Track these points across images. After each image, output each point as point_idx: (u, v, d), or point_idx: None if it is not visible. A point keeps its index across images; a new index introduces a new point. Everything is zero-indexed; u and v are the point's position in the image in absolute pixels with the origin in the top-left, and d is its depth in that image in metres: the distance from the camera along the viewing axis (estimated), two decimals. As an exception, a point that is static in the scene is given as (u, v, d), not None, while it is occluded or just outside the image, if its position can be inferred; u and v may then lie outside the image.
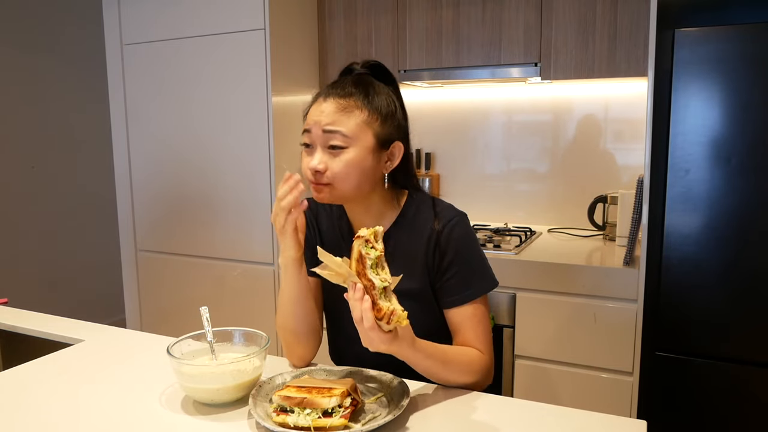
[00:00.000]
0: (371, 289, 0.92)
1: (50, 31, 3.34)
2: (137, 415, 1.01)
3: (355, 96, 1.12)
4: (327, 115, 1.10)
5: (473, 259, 1.18)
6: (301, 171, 1.15)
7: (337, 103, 1.11)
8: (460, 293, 1.16)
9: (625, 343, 1.80)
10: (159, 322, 2.68)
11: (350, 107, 1.11)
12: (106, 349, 1.31)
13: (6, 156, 3.18)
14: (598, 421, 0.97)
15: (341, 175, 1.10)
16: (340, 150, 1.10)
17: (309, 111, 1.15)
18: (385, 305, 0.92)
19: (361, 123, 1.11)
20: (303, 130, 1.14)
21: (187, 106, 2.45)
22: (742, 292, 1.58)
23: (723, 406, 1.64)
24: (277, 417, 0.93)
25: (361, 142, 1.11)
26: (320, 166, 1.10)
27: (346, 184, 1.11)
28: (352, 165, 1.10)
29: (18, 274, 3.22)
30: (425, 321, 1.18)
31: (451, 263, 1.16)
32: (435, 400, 1.06)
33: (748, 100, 1.53)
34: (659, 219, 1.65)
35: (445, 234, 1.16)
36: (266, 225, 2.35)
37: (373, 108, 1.13)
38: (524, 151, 2.50)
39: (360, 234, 0.94)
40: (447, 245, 1.16)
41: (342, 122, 1.10)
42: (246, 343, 1.14)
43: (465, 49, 2.23)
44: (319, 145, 1.11)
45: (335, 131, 1.09)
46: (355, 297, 0.93)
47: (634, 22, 1.96)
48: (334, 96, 1.12)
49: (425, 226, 1.18)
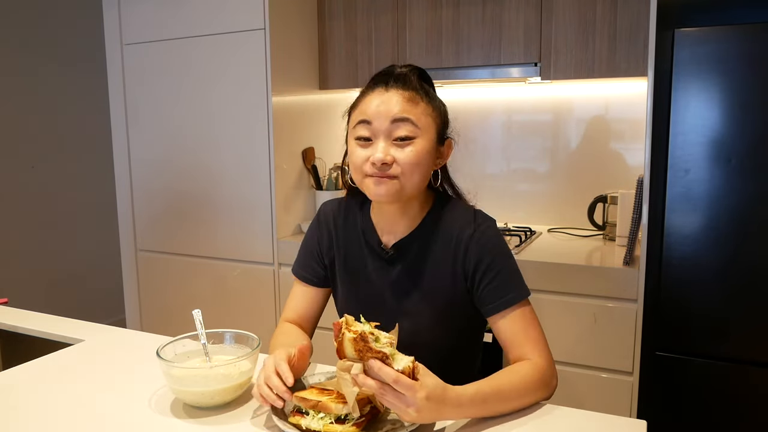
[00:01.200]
0: (385, 359, 0.86)
1: (50, 31, 3.34)
2: (137, 415, 1.01)
3: (417, 88, 1.10)
4: (394, 104, 1.06)
5: (511, 262, 1.13)
6: (352, 165, 1.10)
7: (402, 94, 1.07)
8: (504, 296, 1.09)
9: (625, 343, 1.80)
10: (159, 322, 2.67)
11: (416, 98, 1.08)
12: (106, 349, 1.31)
13: (6, 156, 3.18)
14: (598, 421, 0.97)
15: (410, 167, 1.06)
16: (409, 141, 1.06)
17: (363, 101, 1.10)
18: (404, 363, 0.86)
19: (427, 114, 1.09)
20: (358, 122, 1.09)
21: (187, 106, 2.45)
22: (742, 292, 1.58)
23: (723, 406, 1.64)
24: (293, 418, 0.92)
25: (427, 134, 1.08)
26: (389, 158, 1.05)
27: (412, 178, 1.07)
28: (421, 156, 1.07)
29: (18, 274, 3.21)
30: (448, 331, 1.16)
31: (489, 267, 1.10)
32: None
33: (748, 100, 1.53)
34: (659, 219, 1.65)
35: (477, 237, 1.12)
36: (266, 225, 2.35)
37: (434, 102, 1.12)
38: (524, 151, 2.50)
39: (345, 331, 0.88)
40: (482, 249, 1.11)
41: (411, 111, 1.06)
42: (238, 346, 1.13)
43: (465, 49, 2.23)
44: (383, 137, 1.06)
45: (405, 119, 1.06)
46: (377, 376, 0.85)
47: (634, 22, 1.96)
48: (396, 87, 1.08)
49: (454, 230, 1.14)
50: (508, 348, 1.10)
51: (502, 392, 0.98)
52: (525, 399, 1.01)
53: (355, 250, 1.21)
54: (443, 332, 1.17)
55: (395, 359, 0.87)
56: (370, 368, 0.86)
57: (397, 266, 1.17)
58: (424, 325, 1.15)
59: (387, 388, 0.86)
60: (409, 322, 1.14)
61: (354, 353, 0.87)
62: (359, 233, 1.21)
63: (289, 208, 2.41)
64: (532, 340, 1.08)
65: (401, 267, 1.16)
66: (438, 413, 0.90)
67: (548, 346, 1.10)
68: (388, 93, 1.08)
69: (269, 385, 0.94)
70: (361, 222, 1.21)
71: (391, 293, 1.17)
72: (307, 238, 1.30)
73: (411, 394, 0.85)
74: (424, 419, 0.88)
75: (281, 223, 2.36)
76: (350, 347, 0.87)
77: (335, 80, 2.48)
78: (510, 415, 0.99)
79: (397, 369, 0.86)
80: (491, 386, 0.98)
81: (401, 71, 1.12)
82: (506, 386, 0.99)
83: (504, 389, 0.99)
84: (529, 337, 1.08)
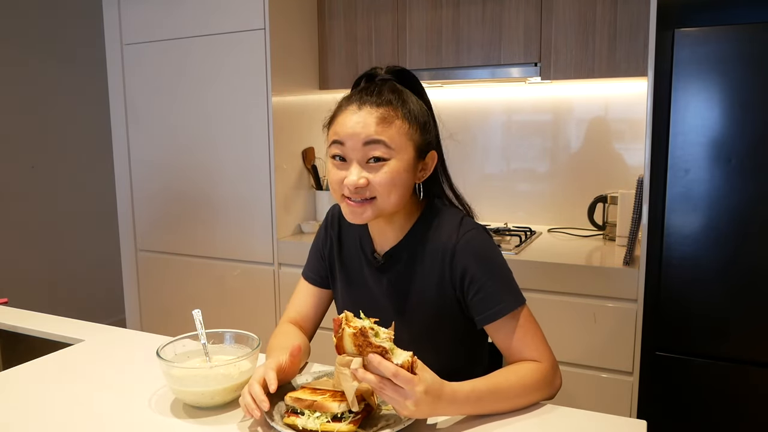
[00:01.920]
0: (385, 354, 0.86)
1: (50, 31, 3.34)
2: (137, 415, 1.01)
3: (393, 104, 1.04)
4: (366, 125, 1.01)
5: (500, 269, 1.09)
6: (330, 184, 1.09)
7: (376, 112, 1.02)
8: (493, 306, 1.06)
9: (625, 343, 1.80)
10: (159, 322, 2.68)
11: (390, 117, 1.03)
12: (106, 349, 1.31)
13: (6, 156, 3.18)
14: (598, 421, 0.97)
15: (386, 188, 1.03)
16: (383, 162, 1.02)
17: (337, 119, 1.06)
18: (403, 357, 0.87)
19: (402, 133, 1.03)
20: (332, 141, 1.05)
21: (187, 106, 2.45)
22: (742, 292, 1.58)
23: (723, 406, 1.64)
24: (288, 419, 0.92)
25: (402, 153, 1.04)
26: (362, 182, 1.02)
27: (389, 198, 1.04)
28: (396, 176, 1.03)
29: (18, 274, 3.21)
30: (440, 341, 1.16)
31: (474, 278, 1.07)
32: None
33: (747, 100, 1.53)
34: (659, 219, 1.65)
35: (461, 246, 1.08)
36: (266, 225, 2.35)
37: (412, 117, 1.05)
38: (524, 151, 2.50)
39: (345, 327, 0.89)
40: (466, 259, 1.08)
41: (384, 132, 1.01)
42: (238, 346, 1.13)
43: (465, 49, 2.23)
44: (356, 159, 1.03)
45: (378, 141, 1.01)
46: (376, 370, 0.86)
47: (634, 22, 1.96)
48: (369, 104, 1.03)
49: (441, 239, 1.11)
50: (506, 356, 1.10)
51: (500, 391, 0.97)
52: (524, 398, 1.00)
53: (352, 256, 1.22)
54: (434, 341, 1.16)
55: (394, 354, 0.88)
56: (370, 362, 0.87)
57: (388, 274, 1.16)
58: (416, 333, 1.15)
59: (386, 382, 0.86)
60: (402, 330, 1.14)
61: (353, 348, 0.88)
62: (357, 239, 1.21)
63: (289, 208, 2.41)
64: (529, 346, 1.06)
65: (391, 275, 1.16)
66: (434, 408, 0.90)
67: (549, 347, 1.09)
68: (360, 112, 1.03)
69: (252, 394, 0.93)
70: (359, 228, 1.21)
71: (384, 300, 1.17)
72: (315, 238, 1.32)
73: (410, 388, 0.86)
74: (421, 413, 0.89)
75: (281, 223, 2.36)
76: (350, 342, 0.88)
77: (335, 80, 2.48)
78: (509, 415, 0.99)
79: (397, 363, 0.86)
80: (488, 384, 0.97)
81: (375, 84, 1.08)
82: (504, 385, 0.98)
83: (501, 388, 0.98)
84: (527, 343, 1.06)
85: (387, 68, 1.12)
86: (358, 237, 1.21)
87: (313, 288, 1.29)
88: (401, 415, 0.91)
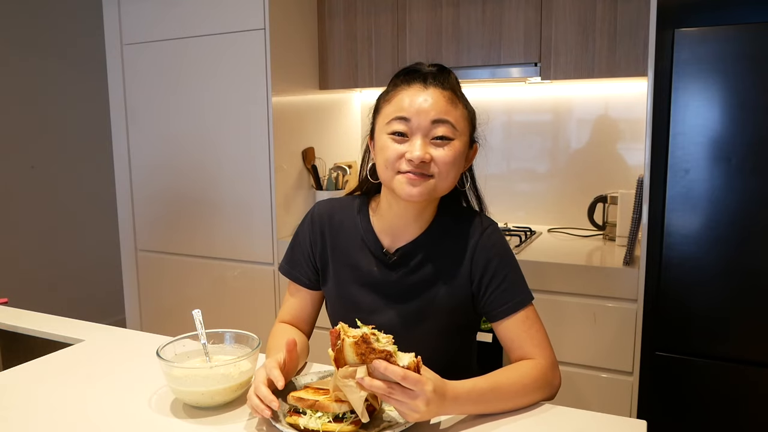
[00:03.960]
0: (390, 358, 0.85)
1: (50, 31, 3.34)
2: (137, 415, 1.01)
3: (455, 89, 1.08)
4: (437, 103, 1.04)
5: (516, 266, 1.14)
6: (384, 161, 1.07)
7: (443, 94, 1.05)
8: (510, 300, 1.09)
9: (625, 343, 1.80)
10: (159, 322, 2.67)
11: (455, 100, 1.06)
12: (106, 349, 1.31)
13: (6, 156, 3.18)
14: (598, 421, 0.97)
15: (447, 167, 1.05)
16: (448, 141, 1.05)
17: (399, 96, 1.07)
18: (408, 359, 0.86)
19: (464, 118, 1.08)
20: (394, 117, 1.05)
21: (187, 106, 2.45)
22: (743, 292, 1.58)
23: (723, 406, 1.64)
24: (290, 418, 0.92)
25: (462, 137, 1.08)
26: (428, 156, 1.03)
27: (447, 178, 1.07)
28: (457, 157, 1.06)
29: (18, 274, 3.21)
30: (444, 336, 1.16)
31: (496, 273, 1.10)
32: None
33: (747, 100, 1.53)
34: (659, 219, 1.65)
35: (483, 243, 1.12)
36: (266, 225, 2.35)
37: (469, 106, 1.11)
38: (524, 151, 2.50)
39: (344, 337, 0.87)
40: (487, 253, 1.11)
41: (451, 113, 1.05)
42: (238, 346, 1.13)
43: (465, 48, 2.23)
44: (421, 135, 1.04)
45: (445, 121, 1.04)
46: (383, 375, 0.85)
47: (634, 22, 1.96)
48: (434, 86, 1.06)
49: (460, 236, 1.14)
50: (510, 350, 1.10)
51: (500, 389, 0.98)
52: (524, 398, 1.00)
53: (353, 253, 1.19)
54: (439, 337, 1.16)
55: (398, 357, 0.87)
56: (375, 369, 0.85)
57: (399, 271, 1.15)
58: (422, 331, 1.15)
59: (394, 387, 0.85)
60: (407, 328, 1.14)
61: (356, 358, 0.86)
62: (359, 236, 1.19)
63: (289, 208, 2.41)
64: (534, 342, 1.08)
65: (403, 272, 1.15)
66: (441, 407, 0.90)
67: (551, 346, 1.10)
68: (427, 91, 1.05)
69: (258, 396, 0.93)
70: (362, 224, 1.19)
71: (390, 298, 1.16)
72: (299, 239, 1.25)
73: (419, 388, 0.86)
74: (429, 413, 0.89)
75: (281, 223, 2.36)
76: (351, 352, 0.86)
77: (335, 80, 2.48)
78: (509, 414, 0.99)
79: (403, 365, 0.86)
80: (488, 383, 0.97)
81: (431, 69, 1.09)
82: (504, 384, 0.99)
83: (502, 387, 0.98)
84: (532, 338, 1.08)
85: (430, 65, 1.13)
86: (362, 233, 1.19)
87: (303, 290, 1.26)
88: (409, 421, 0.90)
